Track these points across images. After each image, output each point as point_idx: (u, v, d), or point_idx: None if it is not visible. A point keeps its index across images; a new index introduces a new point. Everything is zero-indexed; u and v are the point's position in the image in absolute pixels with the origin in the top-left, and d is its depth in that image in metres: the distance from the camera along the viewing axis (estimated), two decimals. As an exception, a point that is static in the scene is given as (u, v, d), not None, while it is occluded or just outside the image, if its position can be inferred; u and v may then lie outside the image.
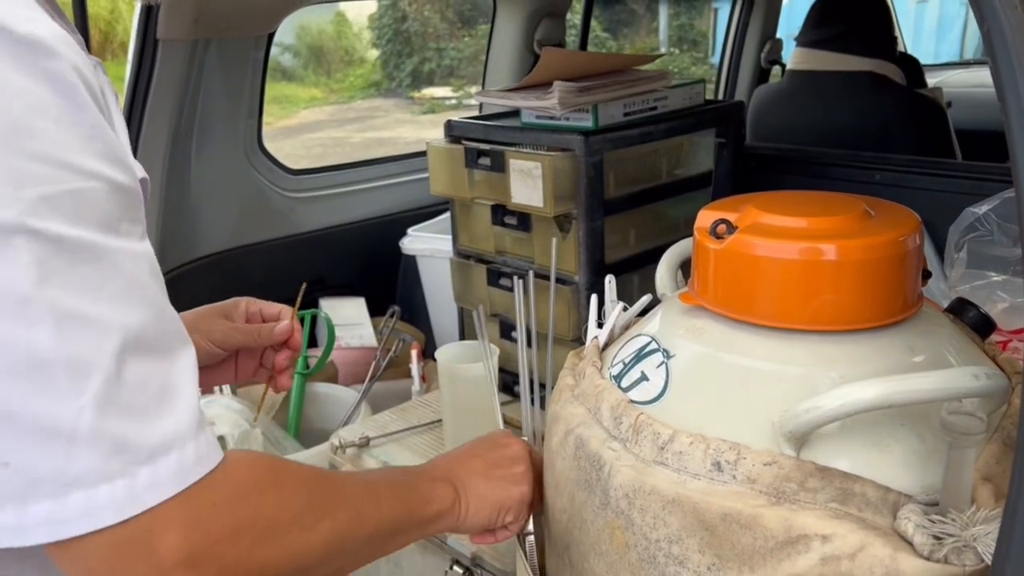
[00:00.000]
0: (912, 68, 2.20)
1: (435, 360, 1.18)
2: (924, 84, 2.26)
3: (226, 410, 1.30)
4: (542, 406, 0.99)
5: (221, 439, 1.27)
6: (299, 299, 0.99)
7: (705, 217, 0.74)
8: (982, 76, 3.33)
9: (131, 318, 0.48)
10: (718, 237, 0.71)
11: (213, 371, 0.92)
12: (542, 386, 1.06)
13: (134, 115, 1.48)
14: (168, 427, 0.49)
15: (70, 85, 0.47)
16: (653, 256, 1.00)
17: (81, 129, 0.47)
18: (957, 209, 1.28)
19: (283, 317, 0.92)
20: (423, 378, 1.51)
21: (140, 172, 0.58)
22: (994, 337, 0.79)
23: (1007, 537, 0.50)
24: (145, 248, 0.51)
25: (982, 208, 1.04)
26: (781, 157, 1.69)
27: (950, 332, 0.72)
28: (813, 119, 2.09)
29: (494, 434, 0.83)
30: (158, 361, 0.50)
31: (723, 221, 0.72)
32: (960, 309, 0.78)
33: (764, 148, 1.76)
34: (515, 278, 0.92)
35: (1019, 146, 0.47)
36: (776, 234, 0.68)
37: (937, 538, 0.57)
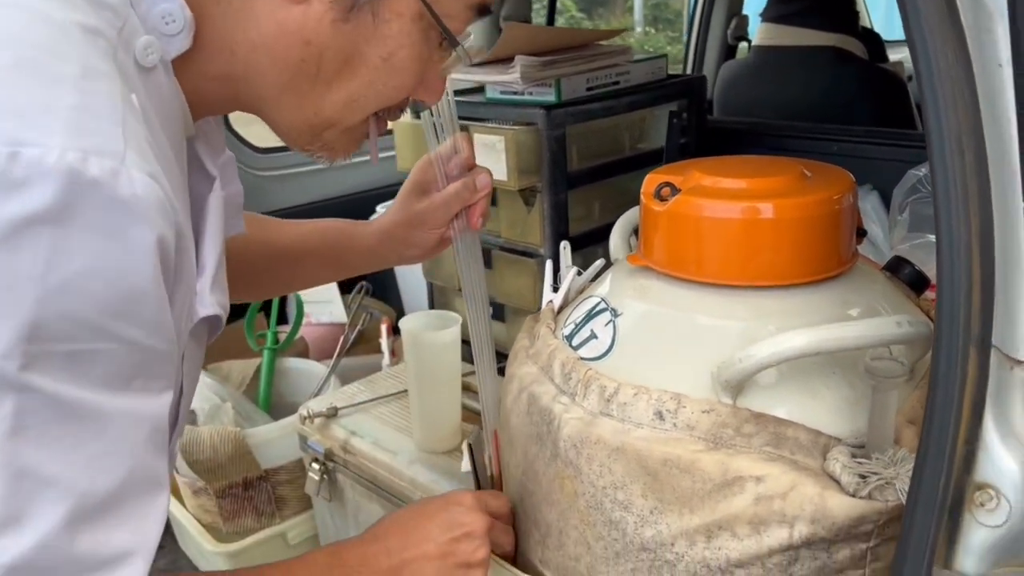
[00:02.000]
0: (874, 43, 2.23)
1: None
2: (886, 59, 2.30)
3: (198, 385, 1.31)
4: (502, 374, 1.01)
5: (192, 413, 1.29)
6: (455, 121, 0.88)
7: (651, 181, 0.77)
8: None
9: (98, 483, 0.46)
10: (662, 199, 0.74)
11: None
12: (505, 356, 1.08)
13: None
14: None
15: (144, 257, 0.45)
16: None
17: (132, 298, 0.45)
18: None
19: (460, 149, 0.84)
20: (393, 353, 1.54)
21: (211, 310, 0.56)
22: (929, 294, 0.83)
23: (917, 482, 0.54)
24: (157, 404, 0.49)
25: (923, 170, 1.07)
26: (743, 130, 1.72)
27: (884, 287, 0.76)
28: (778, 94, 2.12)
29: (452, 507, 0.74)
30: (113, 527, 0.47)
31: (667, 184, 0.74)
32: (896, 267, 0.81)
33: (727, 122, 1.79)
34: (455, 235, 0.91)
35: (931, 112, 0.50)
36: (716, 195, 0.71)
37: (862, 477, 0.60)
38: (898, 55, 2.68)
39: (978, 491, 0.52)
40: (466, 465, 1.04)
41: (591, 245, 1.44)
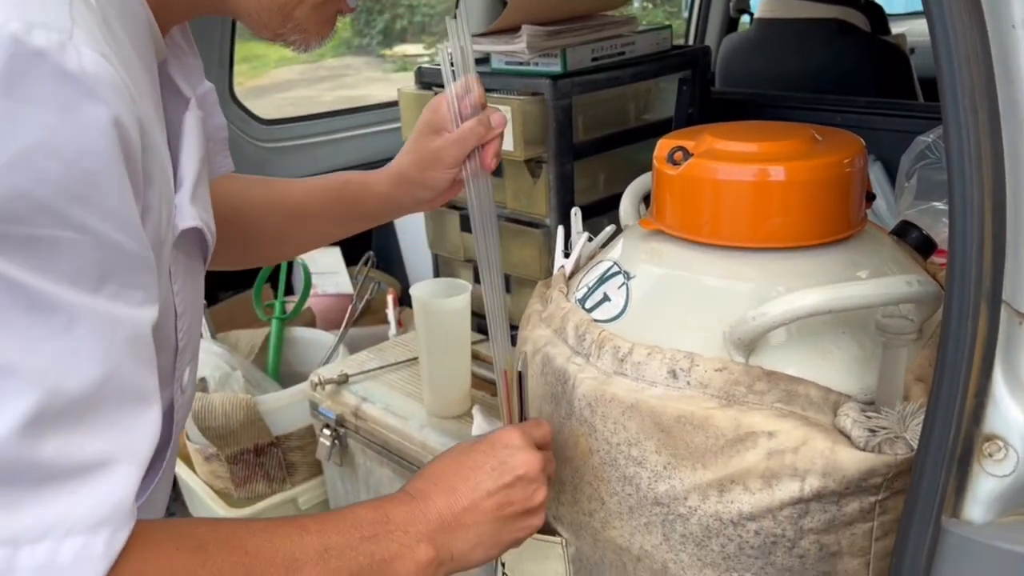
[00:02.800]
0: (876, 15, 2.23)
1: (411, 307, 1.21)
2: (888, 31, 2.30)
3: (207, 354, 1.33)
4: (513, 343, 1.03)
5: (203, 381, 1.30)
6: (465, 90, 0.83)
7: (663, 146, 0.78)
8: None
9: (67, 383, 0.42)
10: (675, 163, 0.75)
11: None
12: (514, 327, 1.09)
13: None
14: (56, 511, 0.42)
15: (100, 136, 0.43)
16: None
17: (90, 180, 0.43)
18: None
19: (471, 89, 0.80)
20: (399, 323, 1.55)
21: (192, 222, 0.55)
22: (936, 259, 0.84)
23: (928, 433, 0.55)
24: (136, 315, 0.47)
25: (931, 136, 1.07)
26: (746, 102, 1.72)
27: (892, 250, 0.77)
28: (780, 66, 2.12)
29: (500, 451, 0.66)
30: (86, 434, 0.43)
31: (680, 148, 0.75)
32: (904, 231, 0.82)
33: (730, 93, 1.79)
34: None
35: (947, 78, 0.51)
36: (728, 158, 0.72)
37: (872, 431, 0.62)
38: (900, 28, 2.67)
39: (987, 442, 0.54)
40: (476, 429, 1.06)
41: (597, 216, 1.45)
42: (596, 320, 0.76)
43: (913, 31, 2.96)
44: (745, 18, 2.72)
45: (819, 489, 0.62)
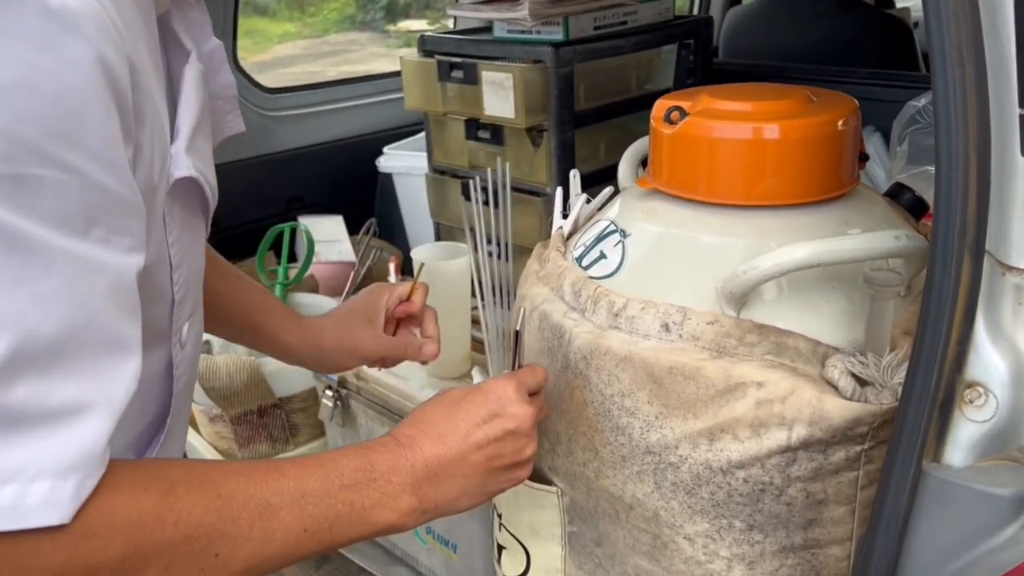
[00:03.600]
0: (881, -12, 2.22)
1: (413, 274, 1.23)
2: (892, 4, 2.29)
3: (211, 317, 1.35)
4: (508, 308, 1.04)
5: (207, 343, 1.32)
6: (417, 275, 0.94)
7: (660, 106, 0.79)
8: None
9: (44, 326, 0.42)
10: (671, 123, 0.76)
11: None
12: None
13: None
14: (25, 455, 0.41)
15: (84, 73, 0.42)
16: (623, 170, 1.04)
17: (74, 119, 0.42)
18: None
19: (415, 298, 0.88)
20: (401, 290, 1.57)
21: (187, 171, 0.55)
22: (928, 221, 0.85)
23: (911, 379, 0.57)
24: (121, 262, 0.46)
25: (922, 101, 1.08)
26: (748, 73, 1.72)
27: (884, 210, 0.78)
28: (784, 38, 2.12)
29: (492, 402, 0.65)
30: (60, 380, 0.43)
31: (676, 108, 0.76)
32: (897, 192, 0.84)
33: (732, 64, 1.80)
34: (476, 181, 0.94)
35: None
36: (724, 116, 0.73)
37: (858, 381, 0.64)
38: (905, 2, 2.66)
39: (968, 389, 0.56)
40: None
41: (597, 184, 1.46)
42: (592, 277, 0.78)
43: (917, 6, 2.95)
44: (749, -8, 2.71)
45: (806, 438, 0.64)
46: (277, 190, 1.75)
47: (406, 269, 1.75)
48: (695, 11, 2.74)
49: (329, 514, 0.55)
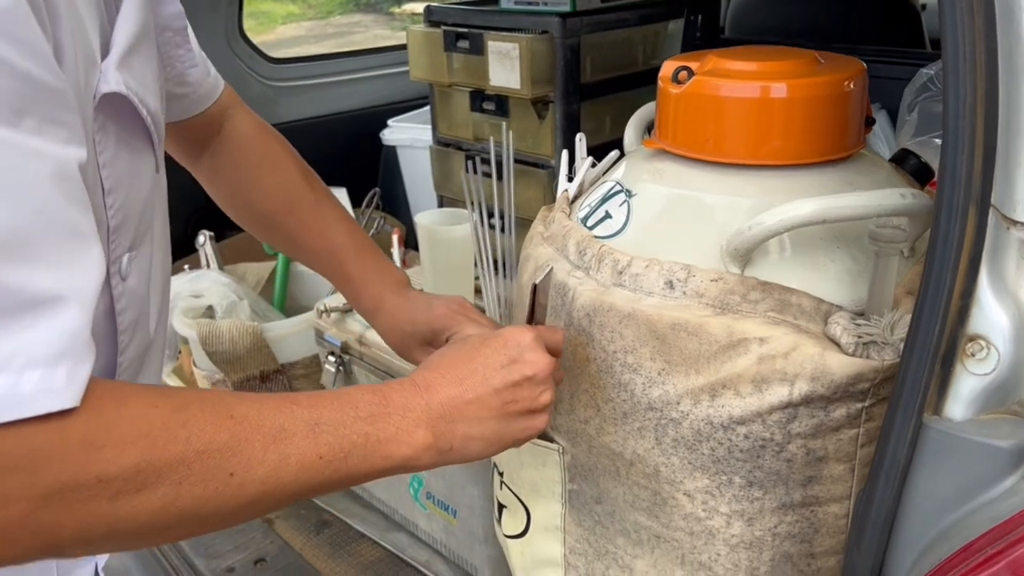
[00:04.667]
0: (890, -30, 2.21)
1: (416, 249, 1.23)
2: (900, -14, 2.27)
3: (214, 283, 1.35)
4: (505, 275, 1.05)
5: (210, 309, 1.33)
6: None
7: (668, 67, 0.79)
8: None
9: None
10: (679, 83, 0.76)
11: None
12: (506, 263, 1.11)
13: None
14: (10, 345, 0.41)
15: None
16: (628, 144, 1.04)
17: None
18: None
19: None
20: (404, 263, 1.57)
21: (114, 87, 0.53)
22: (932, 189, 0.85)
23: (913, 333, 0.57)
24: (62, 152, 0.45)
25: (934, 68, 1.08)
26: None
27: (889, 174, 0.78)
28: (791, 19, 2.10)
29: (511, 348, 0.65)
30: (27, 269, 0.42)
31: (684, 68, 0.76)
32: (902, 158, 0.84)
33: (738, 40, 1.78)
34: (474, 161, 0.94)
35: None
36: (732, 76, 0.73)
37: (860, 337, 0.64)
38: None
39: (970, 342, 0.56)
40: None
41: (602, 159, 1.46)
42: (597, 236, 0.78)
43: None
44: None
45: (807, 393, 0.65)
46: None
47: (409, 243, 1.75)
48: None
49: (344, 443, 0.55)
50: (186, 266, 1.48)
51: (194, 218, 1.56)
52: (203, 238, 1.47)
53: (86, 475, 0.44)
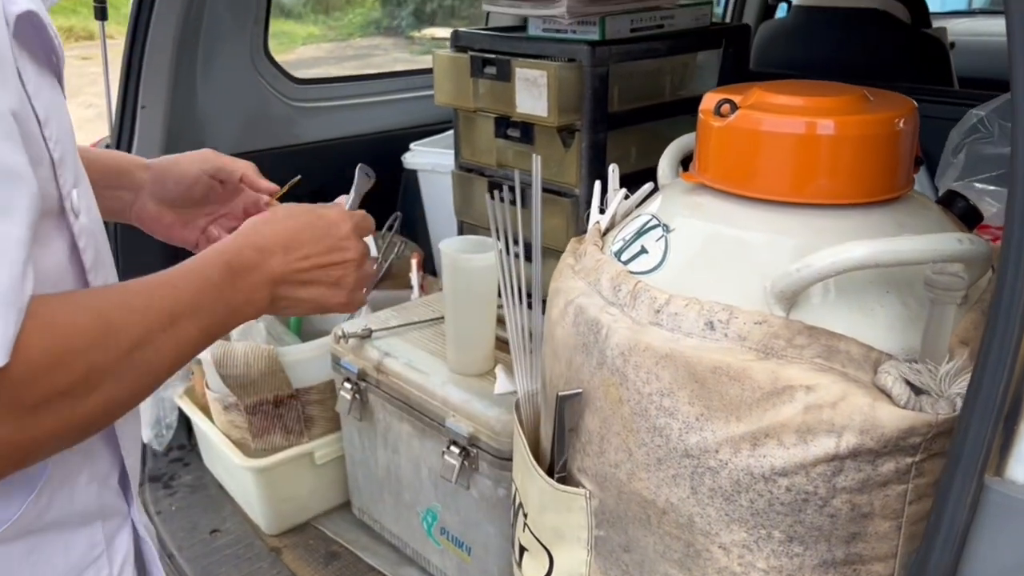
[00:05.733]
0: (917, 7, 2.20)
1: (434, 275, 1.21)
2: (929, 24, 2.26)
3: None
4: (530, 306, 1.02)
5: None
6: (287, 188, 0.97)
7: (710, 99, 0.76)
8: (988, 25, 3.32)
9: None
10: (722, 115, 0.73)
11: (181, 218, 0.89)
12: (531, 293, 1.08)
13: (141, 18, 1.47)
14: None
15: None
16: (653, 174, 1.02)
17: None
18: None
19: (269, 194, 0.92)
20: (422, 287, 1.54)
21: (23, 6, 0.53)
22: (979, 233, 0.82)
23: (976, 389, 0.54)
24: None
25: (984, 110, 1.06)
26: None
27: (939, 216, 0.75)
28: (818, 54, 2.09)
29: (333, 229, 0.73)
30: None
31: (727, 101, 0.74)
32: (950, 200, 0.81)
33: (769, 74, 1.77)
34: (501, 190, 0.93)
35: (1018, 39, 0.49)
36: (777, 110, 0.71)
37: (914, 389, 0.61)
38: (945, 23, 2.64)
39: (1035, 400, 0.52)
40: (499, 388, 1.05)
41: (626, 188, 1.44)
42: (632, 272, 0.75)
43: (953, 30, 2.91)
44: (782, 7, 2.69)
45: (855, 446, 0.61)
46: (302, 182, 1.73)
47: (427, 267, 1.73)
48: (727, 20, 2.73)
49: (215, 316, 0.62)
50: (202, 285, 1.46)
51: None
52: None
53: (52, 393, 0.49)
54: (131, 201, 0.86)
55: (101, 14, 1.45)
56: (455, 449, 1.04)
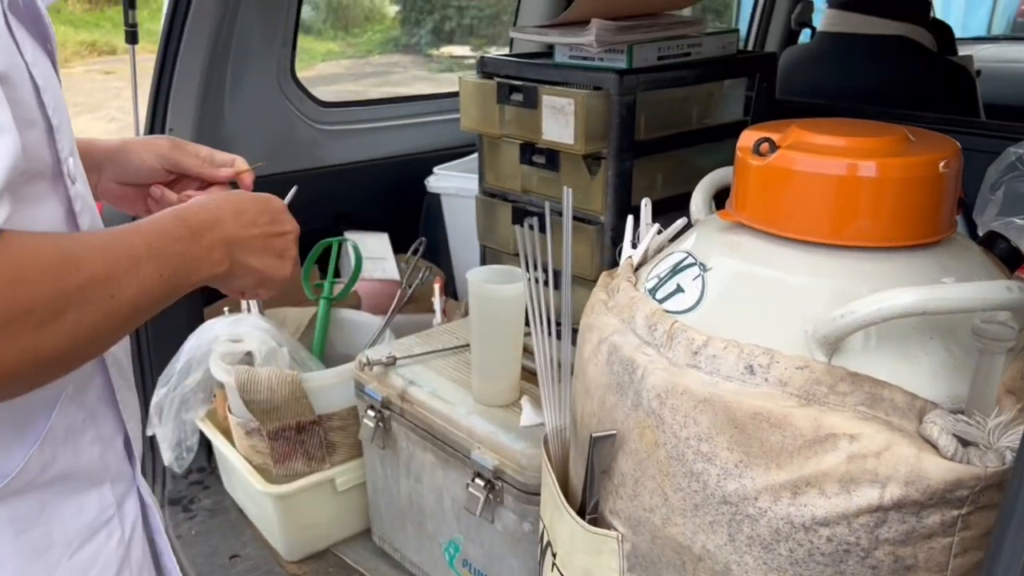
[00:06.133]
0: (943, 34, 2.18)
1: (456, 299, 1.20)
2: (955, 51, 2.25)
3: (254, 328, 1.33)
4: (558, 337, 1.01)
5: (249, 355, 1.30)
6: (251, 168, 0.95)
7: (748, 137, 0.75)
8: (1011, 51, 3.30)
9: None
10: (761, 155, 0.73)
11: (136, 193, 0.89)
12: (559, 323, 1.08)
13: (172, 38, 1.48)
14: None
15: None
16: (679, 202, 1.01)
17: None
18: (982, 169, 1.28)
19: (247, 179, 0.92)
20: (444, 312, 1.54)
21: None
22: (1021, 274, 0.81)
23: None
24: None
25: (1022, 148, 1.04)
26: (814, 110, 1.69)
27: (982, 259, 0.74)
28: (842, 81, 2.08)
29: (272, 204, 0.78)
30: None
31: (766, 140, 0.73)
32: (991, 241, 0.79)
33: (796, 102, 1.76)
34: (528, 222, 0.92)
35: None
36: (817, 151, 0.70)
37: (961, 441, 0.59)
38: (968, 50, 2.62)
39: (1092, 457, 0.51)
40: (525, 420, 1.04)
41: (652, 216, 1.43)
42: (668, 311, 0.74)
43: (976, 56, 2.90)
44: (806, 32, 2.69)
45: (900, 498, 0.60)
46: (326, 204, 1.74)
47: (449, 291, 1.72)
48: (750, 48, 2.72)
49: (172, 263, 0.64)
50: (226, 308, 1.46)
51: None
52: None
53: (15, 309, 0.50)
54: (95, 181, 0.88)
55: (132, 38, 1.46)
56: (480, 482, 1.03)
